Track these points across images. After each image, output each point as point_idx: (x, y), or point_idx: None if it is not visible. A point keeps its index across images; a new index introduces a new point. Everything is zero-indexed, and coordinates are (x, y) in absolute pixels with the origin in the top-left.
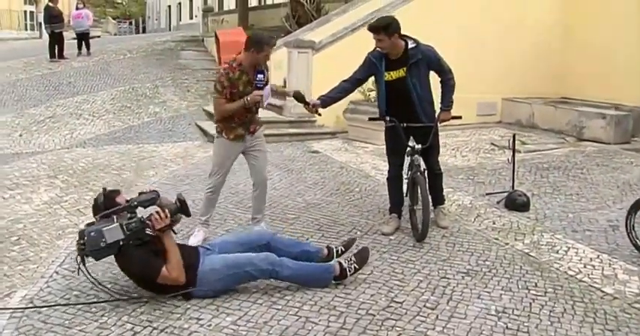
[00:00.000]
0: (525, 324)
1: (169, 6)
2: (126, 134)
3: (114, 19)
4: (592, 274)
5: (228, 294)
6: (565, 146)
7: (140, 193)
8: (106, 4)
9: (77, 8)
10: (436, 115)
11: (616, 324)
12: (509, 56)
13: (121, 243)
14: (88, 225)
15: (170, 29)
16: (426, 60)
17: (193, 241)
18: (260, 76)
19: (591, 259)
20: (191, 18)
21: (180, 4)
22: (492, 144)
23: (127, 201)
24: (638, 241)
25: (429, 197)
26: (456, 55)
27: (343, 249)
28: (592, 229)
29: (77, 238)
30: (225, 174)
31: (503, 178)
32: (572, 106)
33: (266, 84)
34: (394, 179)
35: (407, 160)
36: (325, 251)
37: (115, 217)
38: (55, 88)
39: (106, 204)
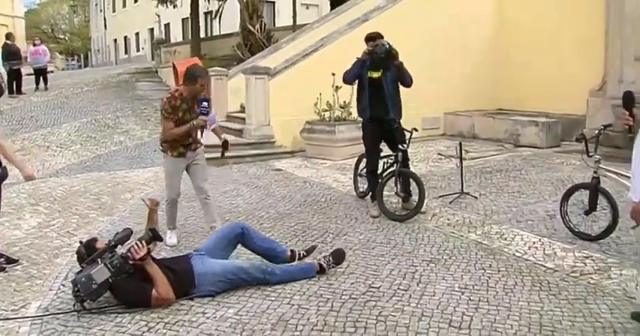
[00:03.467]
0: (485, 296)
1: (115, 39)
2: (95, 163)
3: (59, 54)
4: (535, 254)
5: (225, 291)
6: (504, 152)
7: (116, 234)
8: (49, 39)
9: (34, 44)
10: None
11: (557, 290)
12: (451, 76)
13: (110, 280)
14: (77, 273)
15: (117, 63)
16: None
17: (171, 242)
18: (204, 103)
19: (534, 242)
20: (138, 50)
21: (126, 37)
22: (439, 154)
23: (107, 243)
24: (571, 224)
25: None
26: None
27: (305, 254)
28: (533, 219)
29: (72, 287)
30: (176, 187)
31: (452, 182)
32: (508, 116)
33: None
34: (376, 172)
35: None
36: (289, 253)
37: (99, 259)
38: (19, 122)
39: (88, 252)
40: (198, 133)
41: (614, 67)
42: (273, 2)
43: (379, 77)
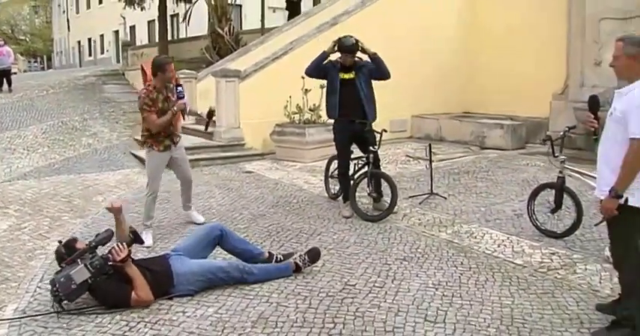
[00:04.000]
0: (458, 291)
1: (79, 41)
2: (65, 165)
3: (20, 55)
4: (505, 251)
5: (204, 290)
6: (470, 154)
7: (97, 235)
8: (9, 40)
9: None
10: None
11: (526, 285)
12: (419, 79)
13: (90, 281)
14: (57, 273)
15: (81, 65)
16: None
17: (147, 243)
18: (179, 88)
19: (503, 240)
20: (102, 53)
21: (90, 39)
22: (407, 156)
23: (87, 244)
24: (538, 222)
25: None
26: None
27: (282, 258)
28: (501, 218)
29: (50, 287)
30: (159, 180)
31: (421, 183)
32: (475, 119)
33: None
34: (348, 174)
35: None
36: (266, 254)
37: (79, 260)
38: None
39: (68, 252)
40: (181, 118)
41: (576, 71)
42: (240, 5)
43: (352, 78)
